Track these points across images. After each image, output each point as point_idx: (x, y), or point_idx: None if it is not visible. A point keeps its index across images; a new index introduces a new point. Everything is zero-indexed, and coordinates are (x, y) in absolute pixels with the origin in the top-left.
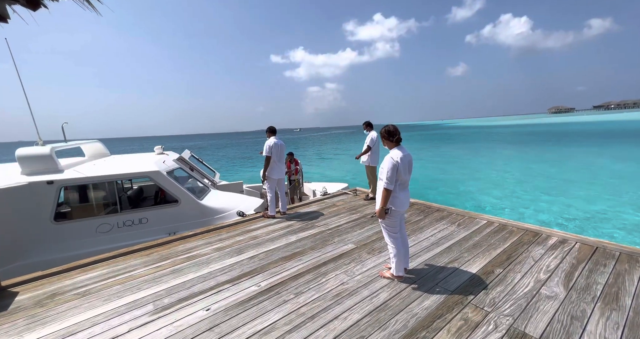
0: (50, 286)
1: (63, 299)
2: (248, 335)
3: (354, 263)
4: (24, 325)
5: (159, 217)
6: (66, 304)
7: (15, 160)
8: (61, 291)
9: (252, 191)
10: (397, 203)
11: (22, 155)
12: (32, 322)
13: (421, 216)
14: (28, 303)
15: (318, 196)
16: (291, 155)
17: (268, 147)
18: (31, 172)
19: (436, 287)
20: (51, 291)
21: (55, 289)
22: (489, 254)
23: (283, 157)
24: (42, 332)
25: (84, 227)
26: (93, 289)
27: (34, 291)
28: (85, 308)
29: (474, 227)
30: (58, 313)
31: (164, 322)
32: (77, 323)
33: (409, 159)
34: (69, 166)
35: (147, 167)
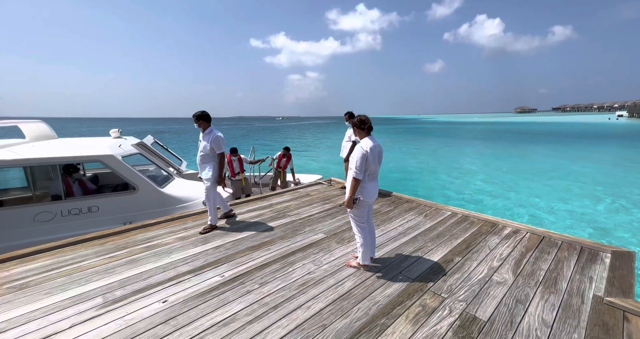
0: None
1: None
2: (206, 327)
3: (322, 253)
4: None
5: (112, 205)
6: (2, 298)
7: None
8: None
9: None
10: (366, 193)
11: None
12: None
13: (391, 207)
14: None
15: (292, 186)
16: (287, 149)
17: (222, 140)
18: None
19: (399, 275)
20: None
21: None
22: (451, 243)
23: None
24: None
25: (18, 216)
26: (32, 282)
27: None
28: (21, 303)
29: (439, 218)
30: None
31: (113, 316)
32: (8, 320)
33: (379, 149)
34: (2, 146)
35: (98, 151)
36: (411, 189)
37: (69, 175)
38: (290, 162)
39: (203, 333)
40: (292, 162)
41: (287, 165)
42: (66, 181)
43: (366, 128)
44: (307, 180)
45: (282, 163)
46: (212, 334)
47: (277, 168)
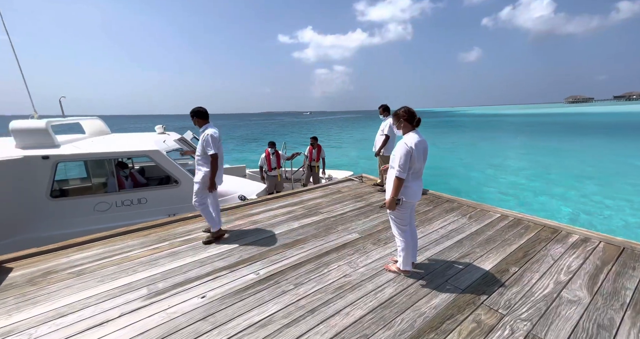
0: (44, 264)
1: (57, 278)
2: (244, 327)
3: (357, 254)
4: (14, 304)
5: (158, 198)
6: (59, 284)
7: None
8: (55, 270)
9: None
10: (409, 193)
11: (17, 128)
12: (22, 301)
13: (430, 207)
14: (20, 281)
15: (322, 183)
16: (315, 139)
17: (213, 138)
18: (26, 146)
19: (446, 284)
20: (45, 269)
21: (49, 267)
22: (504, 250)
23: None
24: (32, 312)
25: (81, 205)
26: (88, 269)
27: (27, 268)
28: (79, 289)
29: (486, 220)
30: (50, 292)
31: (156, 308)
32: (68, 304)
33: (424, 145)
34: (67, 142)
35: (146, 146)
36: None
37: (122, 169)
38: (322, 152)
39: (241, 333)
40: (324, 151)
41: (319, 156)
42: (118, 174)
43: (416, 122)
44: (338, 176)
45: (314, 156)
46: (249, 335)
47: (310, 162)
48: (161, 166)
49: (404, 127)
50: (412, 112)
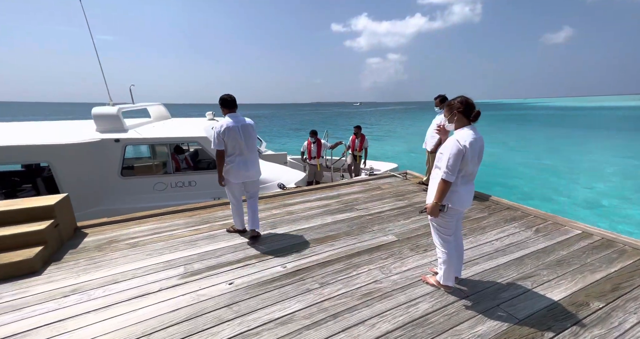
0: (110, 233)
1: (117, 247)
2: (264, 321)
3: (392, 259)
4: (84, 266)
5: (205, 181)
6: (118, 253)
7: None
8: (117, 239)
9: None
10: (457, 199)
11: (96, 113)
12: (89, 264)
13: (484, 214)
14: (91, 245)
15: (362, 176)
16: (359, 128)
17: (217, 134)
18: (103, 130)
19: (497, 310)
20: (110, 238)
21: (113, 236)
22: (583, 278)
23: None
24: (94, 275)
25: (144, 184)
26: (141, 242)
27: (98, 235)
28: (132, 259)
29: (560, 237)
30: (111, 259)
31: (189, 288)
32: (121, 272)
33: (480, 144)
34: (133, 126)
35: (196, 132)
36: (511, 193)
37: (178, 153)
38: (365, 142)
39: (261, 327)
40: (367, 141)
41: (362, 146)
42: (176, 158)
43: (473, 116)
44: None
45: (357, 145)
46: (268, 331)
47: (352, 151)
48: (208, 151)
49: (458, 120)
50: (470, 103)
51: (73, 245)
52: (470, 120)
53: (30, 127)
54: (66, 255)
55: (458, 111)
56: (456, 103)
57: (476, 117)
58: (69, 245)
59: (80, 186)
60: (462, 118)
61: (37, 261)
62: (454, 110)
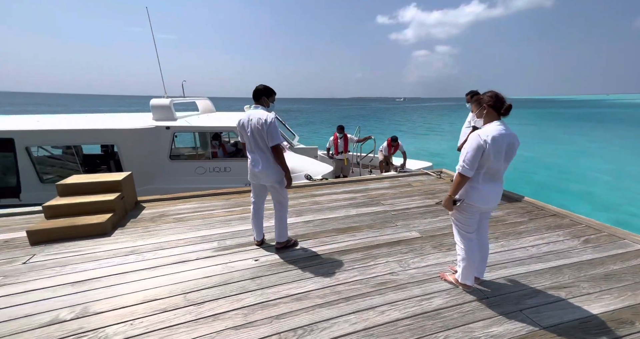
0: (162, 208)
1: (166, 221)
2: (282, 296)
3: (412, 254)
4: (140, 233)
5: (238, 168)
6: (166, 225)
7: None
8: (167, 214)
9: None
10: (476, 196)
11: (153, 104)
12: (144, 232)
13: (524, 218)
14: (147, 217)
15: (393, 173)
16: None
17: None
18: (158, 119)
19: (519, 314)
20: (161, 212)
21: (164, 211)
22: (634, 296)
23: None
24: (147, 241)
25: (187, 167)
26: (185, 217)
27: (152, 209)
28: (176, 231)
29: (613, 250)
30: (161, 230)
31: (221, 260)
32: (167, 241)
33: (508, 140)
34: (181, 117)
35: (232, 122)
36: (565, 200)
37: (216, 141)
38: (401, 147)
39: (279, 300)
40: (402, 146)
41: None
42: (213, 145)
43: (504, 110)
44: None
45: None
46: (285, 304)
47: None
48: None
49: (487, 114)
50: (501, 97)
51: (134, 215)
52: (499, 114)
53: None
54: (129, 222)
55: (488, 105)
56: (486, 97)
57: (507, 112)
58: (131, 214)
59: (138, 166)
60: (491, 113)
61: (108, 225)
62: (483, 104)
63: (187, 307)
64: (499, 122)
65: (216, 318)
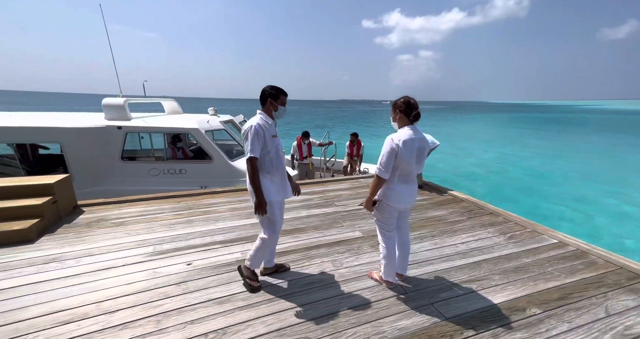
0: (103, 212)
1: (103, 225)
2: (204, 300)
3: (348, 254)
4: (70, 239)
5: (194, 171)
6: (102, 230)
7: None
8: (106, 218)
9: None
10: (393, 197)
11: (105, 103)
12: (75, 238)
13: (464, 217)
14: (83, 222)
15: (355, 175)
16: (355, 135)
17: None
18: (110, 118)
19: (429, 308)
20: (101, 217)
21: (104, 215)
22: (534, 285)
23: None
24: (75, 247)
25: (140, 169)
26: (126, 222)
27: (92, 213)
28: (111, 237)
29: (532, 245)
30: (93, 235)
31: (150, 266)
32: (97, 247)
33: (419, 144)
34: (137, 117)
35: (188, 124)
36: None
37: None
38: (362, 148)
39: (198, 305)
40: (363, 147)
41: (359, 152)
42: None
43: (412, 116)
44: None
45: (355, 151)
46: (204, 308)
47: (352, 156)
48: (199, 142)
49: (400, 119)
50: (412, 104)
51: (69, 220)
52: (410, 119)
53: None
54: (60, 228)
55: (400, 110)
56: (399, 103)
57: (416, 118)
58: (66, 220)
59: (86, 166)
60: (403, 118)
61: (32, 232)
62: (396, 110)
63: (97, 317)
64: (410, 127)
65: (125, 327)
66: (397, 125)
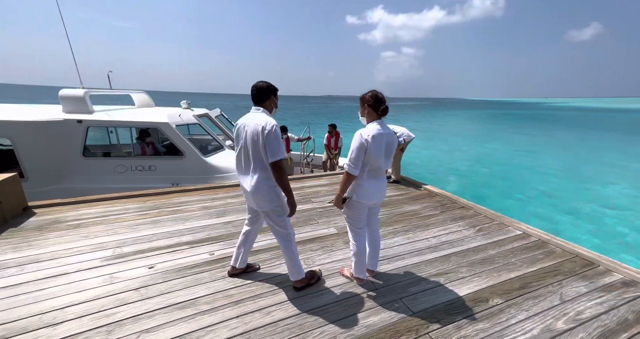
0: (58, 214)
1: (58, 228)
2: (165, 305)
3: (321, 251)
4: (15, 244)
5: (165, 167)
6: (55, 233)
7: None
8: (62, 220)
9: None
10: (362, 193)
11: (62, 95)
12: (21, 243)
13: (437, 211)
14: (33, 225)
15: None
16: (334, 126)
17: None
18: (68, 111)
19: (397, 303)
20: (55, 219)
21: (59, 217)
22: (498, 276)
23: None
24: (20, 254)
25: (105, 165)
26: (84, 223)
27: (45, 216)
28: (65, 240)
29: (498, 236)
30: (45, 239)
31: (107, 271)
32: (47, 252)
33: (387, 140)
34: (102, 110)
35: (157, 118)
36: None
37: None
38: (340, 140)
39: (158, 310)
40: (342, 140)
41: (338, 145)
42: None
43: (381, 110)
44: None
45: (332, 144)
46: (164, 315)
47: (329, 149)
48: (169, 137)
49: (368, 114)
50: (380, 98)
51: (15, 223)
52: (379, 114)
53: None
54: (4, 233)
55: (368, 105)
56: (367, 97)
57: (384, 112)
58: (12, 223)
59: (41, 163)
60: (371, 113)
61: None
62: (365, 104)
63: (37, 330)
64: (378, 122)
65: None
66: (366, 120)
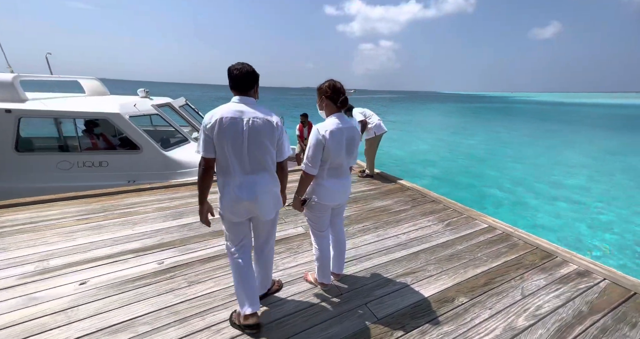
0: None
1: None
2: (93, 329)
3: (286, 254)
4: None
5: (119, 163)
6: None
7: None
8: None
9: None
10: (323, 193)
11: None
12: None
13: (408, 206)
14: None
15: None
16: (305, 116)
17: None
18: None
19: (362, 309)
20: None
21: None
22: (464, 273)
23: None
24: None
25: (45, 161)
26: (5, 233)
27: None
28: None
29: (465, 231)
30: None
31: (27, 289)
32: None
33: (348, 134)
34: (36, 99)
35: (106, 108)
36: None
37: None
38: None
39: (86, 336)
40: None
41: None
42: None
43: (340, 102)
44: None
45: (306, 134)
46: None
47: (303, 140)
48: (122, 130)
49: (327, 107)
50: (338, 88)
51: None
52: (338, 107)
53: None
54: None
55: (326, 96)
56: (324, 88)
57: (343, 104)
58: None
59: None
60: (330, 105)
61: None
62: (322, 96)
63: None
64: (336, 116)
65: None
66: (325, 113)
